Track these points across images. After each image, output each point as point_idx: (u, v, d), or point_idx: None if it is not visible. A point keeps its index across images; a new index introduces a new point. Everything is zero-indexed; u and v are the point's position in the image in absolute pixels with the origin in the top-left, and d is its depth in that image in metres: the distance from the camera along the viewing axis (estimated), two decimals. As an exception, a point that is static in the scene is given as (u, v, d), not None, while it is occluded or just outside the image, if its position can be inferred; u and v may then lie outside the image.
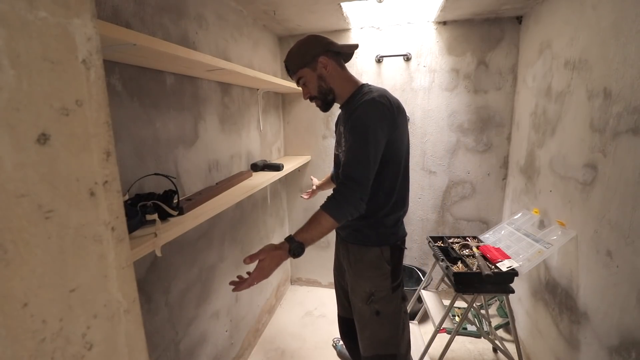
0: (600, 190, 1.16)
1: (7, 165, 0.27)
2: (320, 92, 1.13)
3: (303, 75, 1.12)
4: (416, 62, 2.12)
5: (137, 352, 0.41)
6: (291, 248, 0.95)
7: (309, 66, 1.10)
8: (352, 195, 0.98)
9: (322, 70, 1.10)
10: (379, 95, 1.04)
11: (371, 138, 1.00)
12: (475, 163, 2.16)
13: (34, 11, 0.29)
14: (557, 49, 1.50)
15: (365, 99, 1.04)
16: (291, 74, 1.15)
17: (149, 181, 1.05)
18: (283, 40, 2.27)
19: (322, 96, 1.14)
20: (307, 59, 1.09)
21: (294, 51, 1.11)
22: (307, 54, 1.10)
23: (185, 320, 1.29)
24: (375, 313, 1.15)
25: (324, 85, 1.12)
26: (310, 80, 1.12)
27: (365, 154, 0.99)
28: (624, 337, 1.02)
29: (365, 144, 0.99)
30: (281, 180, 2.40)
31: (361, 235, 1.16)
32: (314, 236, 0.97)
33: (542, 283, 1.59)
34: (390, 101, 1.05)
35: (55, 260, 0.31)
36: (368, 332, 1.18)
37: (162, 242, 0.83)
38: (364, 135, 1.00)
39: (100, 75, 0.36)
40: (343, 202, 0.98)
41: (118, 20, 0.93)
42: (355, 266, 1.18)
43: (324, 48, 1.09)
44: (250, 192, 1.39)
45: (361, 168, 0.99)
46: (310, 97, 1.16)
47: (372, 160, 1.00)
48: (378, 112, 1.02)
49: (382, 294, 1.15)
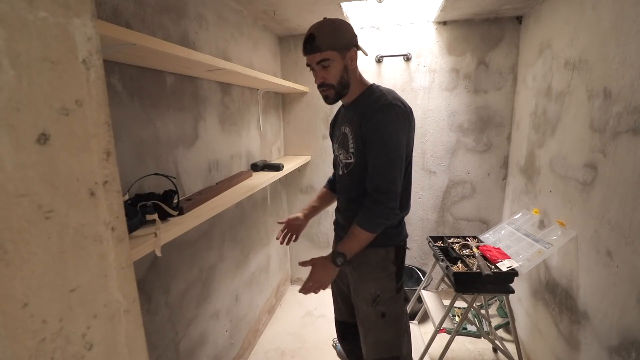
0: (600, 190, 1.16)
1: (7, 165, 0.27)
2: (340, 83, 1.05)
3: (330, 58, 1.01)
4: (416, 62, 2.12)
5: (137, 352, 0.41)
6: (334, 257, 1.05)
7: (340, 51, 1.01)
8: (382, 209, 1.00)
9: (349, 61, 1.04)
10: (393, 99, 1.02)
11: (396, 145, 0.99)
12: (475, 163, 2.16)
13: (34, 11, 0.29)
14: (557, 49, 1.50)
15: (383, 103, 1.00)
16: (313, 50, 1.00)
17: (149, 181, 1.05)
18: (283, 40, 2.26)
19: (340, 88, 1.06)
20: (342, 43, 1.01)
21: (329, 27, 1.00)
22: (343, 37, 1.01)
23: (185, 320, 1.29)
24: (381, 315, 1.14)
25: (345, 77, 1.05)
26: (335, 67, 1.02)
27: (392, 163, 0.99)
28: (624, 337, 1.02)
29: (390, 152, 0.99)
30: (281, 180, 2.40)
31: None
32: (353, 247, 1.05)
33: (542, 283, 1.59)
34: (404, 104, 1.04)
35: (55, 260, 0.31)
36: (373, 335, 1.16)
37: (162, 242, 0.83)
38: (388, 144, 0.99)
39: (100, 75, 0.36)
40: (374, 217, 1.01)
41: (118, 20, 0.93)
42: (360, 268, 1.16)
43: (356, 40, 1.04)
44: (250, 192, 1.39)
45: (390, 178, 1.00)
46: (324, 83, 1.05)
47: (398, 167, 1.00)
48: (399, 118, 1.00)
49: (388, 295, 1.14)
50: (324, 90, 1.08)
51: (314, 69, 1.06)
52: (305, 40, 1.01)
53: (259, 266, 2.04)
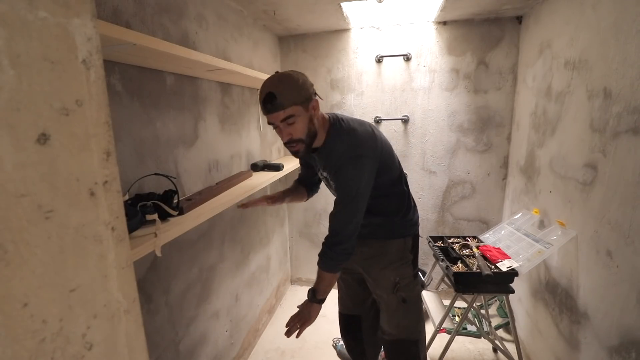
0: (600, 190, 1.16)
1: (7, 165, 0.27)
2: (309, 135, 1.03)
3: (295, 114, 0.97)
4: (416, 62, 2.12)
5: (137, 352, 0.41)
6: (308, 294, 1.17)
7: (302, 104, 0.98)
8: (337, 251, 1.09)
9: (312, 111, 1.02)
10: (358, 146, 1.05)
11: (358, 195, 1.05)
12: (475, 163, 2.16)
13: (34, 11, 0.29)
14: (557, 49, 1.50)
15: (349, 156, 1.04)
16: (276, 109, 0.96)
17: (149, 181, 1.05)
18: (283, 40, 2.26)
19: (309, 140, 1.04)
20: (304, 96, 0.98)
21: (288, 83, 0.97)
22: (303, 90, 0.98)
23: (185, 320, 1.29)
24: (402, 300, 1.23)
25: (312, 128, 1.03)
26: (301, 121, 0.99)
27: (352, 213, 1.07)
28: (624, 337, 1.02)
29: (352, 201, 1.06)
30: (281, 180, 2.40)
31: (383, 231, 1.24)
32: (322, 286, 1.14)
33: (542, 283, 1.59)
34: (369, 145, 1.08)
35: (55, 260, 0.31)
36: (395, 320, 1.27)
37: (162, 242, 0.83)
38: (350, 194, 1.05)
39: (100, 75, 0.36)
40: (330, 260, 1.11)
41: (118, 20, 0.93)
42: (380, 259, 1.25)
43: (313, 89, 1.03)
44: (250, 192, 1.39)
45: (346, 219, 1.07)
46: (292, 139, 1.02)
47: (356, 210, 1.07)
48: (364, 167, 1.04)
49: (406, 282, 1.24)
50: (293, 146, 1.04)
51: (278, 126, 1.01)
52: (264, 100, 0.96)
53: (259, 266, 2.04)
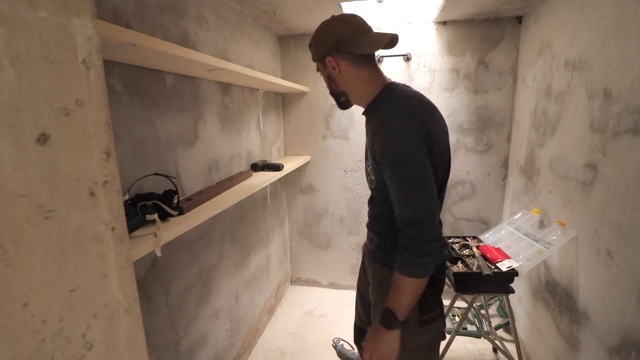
0: (600, 190, 1.16)
1: (7, 165, 0.27)
2: (332, 92, 1.00)
3: (318, 68, 0.98)
4: (416, 62, 2.12)
5: (137, 352, 0.41)
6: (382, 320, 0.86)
7: (320, 61, 0.95)
8: (419, 245, 0.81)
9: (332, 71, 0.93)
10: (400, 106, 0.86)
11: (412, 165, 0.80)
12: (475, 163, 2.16)
13: (34, 11, 0.29)
14: (557, 49, 1.50)
15: (385, 117, 0.85)
16: None
17: (149, 181, 1.05)
18: (283, 40, 2.26)
19: (334, 96, 1.00)
20: (320, 54, 0.93)
21: (315, 35, 0.94)
22: (321, 46, 0.92)
23: (185, 320, 1.29)
24: None
25: (333, 87, 0.97)
26: (323, 76, 0.98)
27: (413, 188, 0.81)
28: (624, 337, 1.02)
29: (407, 175, 0.81)
30: (281, 180, 2.40)
31: (383, 254, 1.01)
32: (400, 300, 0.85)
33: (542, 283, 1.59)
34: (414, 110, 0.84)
35: (55, 260, 0.31)
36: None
37: (162, 242, 0.83)
38: (402, 166, 0.81)
39: (100, 75, 0.36)
40: (412, 257, 0.82)
41: (118, 20, 0.93)
42: (379, 285, 1.02)
43: (334, 47, 0.90)
44: (250, 192, 1.39)
45: (417, 205, 0.81)
46: None
47: (424, 190, 0.81)
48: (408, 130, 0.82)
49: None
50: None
51: None
52: None
53: (259, 266, 2.04)
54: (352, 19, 0.92)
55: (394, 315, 0.84)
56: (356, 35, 0.89)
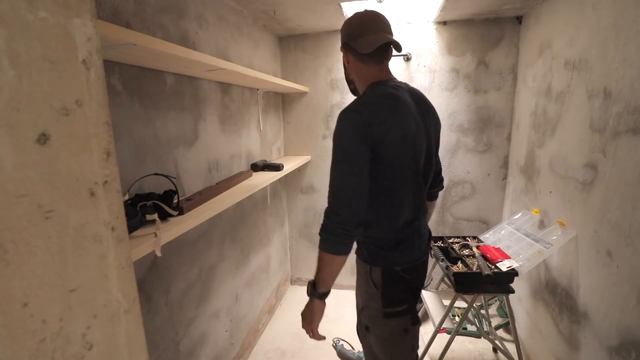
0: (600, 190, 1.16)
1: (7, 165, 0.27)
2: (346, 79, 1.11)
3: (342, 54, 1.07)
4: (416, 62, 2.12)
5: (137, 352, 0.41)
6: (307, 291, 0.98)
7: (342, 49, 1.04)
8: (326, 222, 0.91)
9: (344, 60, 1.05)
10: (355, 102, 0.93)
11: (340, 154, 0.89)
12: (475, 163, 2.16)
13: (34, 11, 0.29)
14: (557, 49, 1.50)
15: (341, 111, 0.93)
16: None
17: (149, 181, 1.05)
18: (283, 41, 2.26)
19: (347, 82, 1.11)
20: (342, 42, 1.03)
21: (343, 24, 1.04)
22: (342, 36, 1.03)
23: (185, 320, 1.29)
24: (365, 328, 1.09)
25: (347, 74, 1.09)
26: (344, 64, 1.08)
27: (339, 176, 0.89)
28: (624, 337, 1.02)
29: (337, 164, 0.89)
30: (281, 180, 2.40)
31: (357, 247, 1.08)
32: (322, 274, 0.94)
33: (542, 283, 1.59)
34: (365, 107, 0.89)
35: (55, 260, 0.31)
36: (365, 342, 1.13)
37: (162, 242, 0.83)
38: (334, 154, 0.90)
39: (100, 75, 0.36)
40: (322, 232, 0.92)
41: (118, 20, 0.93)
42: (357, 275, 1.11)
43: (345, 39, 1.01)
44: (250, 192, 1.39)
45: (333, 189, 0.89)
46: None
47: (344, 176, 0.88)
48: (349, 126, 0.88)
49: (372, 313, 1.05)
50: None
51: None
52: None
53: (259, 266, 2.04)
54: (362, 17, 0.99)
55: (312, 286, 0.97)
56: (359, 35, 0.97)
